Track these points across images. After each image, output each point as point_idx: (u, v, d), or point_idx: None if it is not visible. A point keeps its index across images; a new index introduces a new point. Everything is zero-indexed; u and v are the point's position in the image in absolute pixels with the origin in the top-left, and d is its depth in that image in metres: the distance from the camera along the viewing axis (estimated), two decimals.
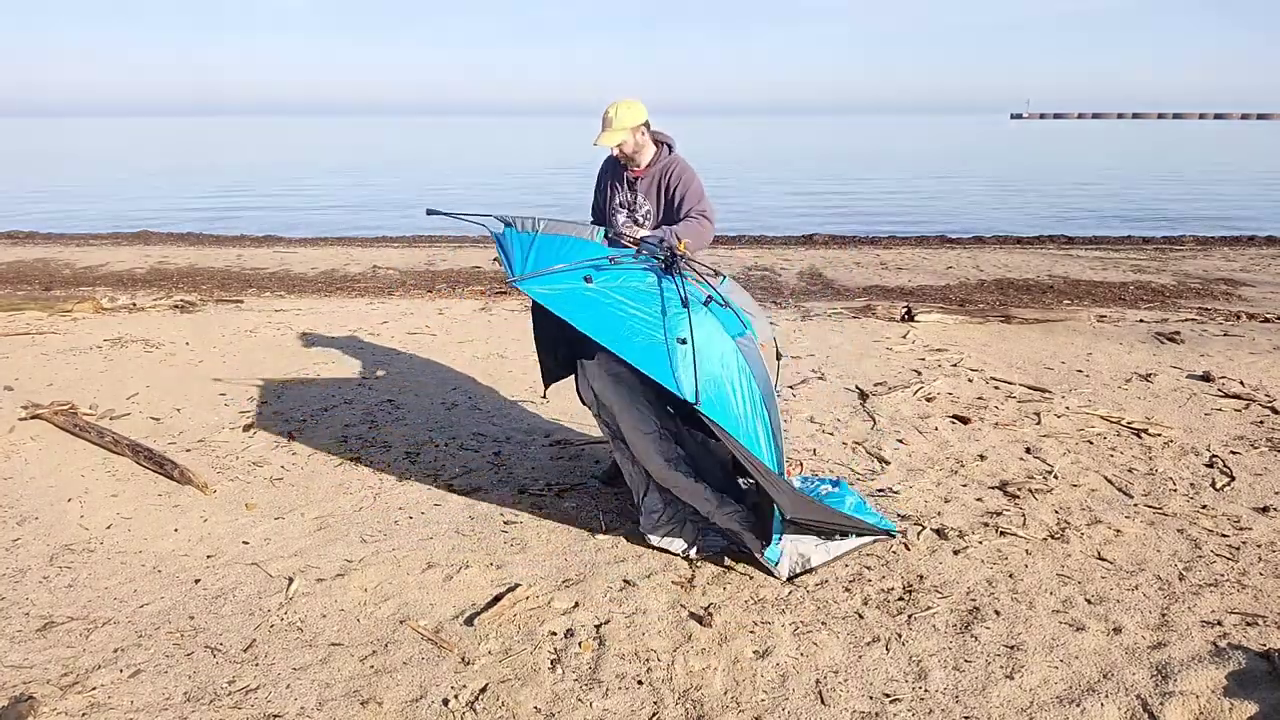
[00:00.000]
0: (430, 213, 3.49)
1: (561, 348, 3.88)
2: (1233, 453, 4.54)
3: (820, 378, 5.92)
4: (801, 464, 4.44)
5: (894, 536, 3.59)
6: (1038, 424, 4.98)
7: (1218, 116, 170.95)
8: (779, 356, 3.50)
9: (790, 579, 3.28)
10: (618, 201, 3.97)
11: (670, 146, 3.92)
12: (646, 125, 3.82)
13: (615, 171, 3.97)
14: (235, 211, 19.87)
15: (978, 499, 4.04)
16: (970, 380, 5.82)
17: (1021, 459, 4.49)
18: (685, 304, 2.96)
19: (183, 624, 3.08)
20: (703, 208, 3.82)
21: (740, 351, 3.07)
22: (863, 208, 20.58)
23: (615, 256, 3.09)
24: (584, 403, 3.58)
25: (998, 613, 3.10)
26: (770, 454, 3.06)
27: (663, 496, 3.48)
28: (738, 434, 2.97)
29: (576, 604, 3.18)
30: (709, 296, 3.11)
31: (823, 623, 3.05)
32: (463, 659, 2.87)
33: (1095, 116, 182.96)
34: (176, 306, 8.35)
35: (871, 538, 3.52)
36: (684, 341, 2.89)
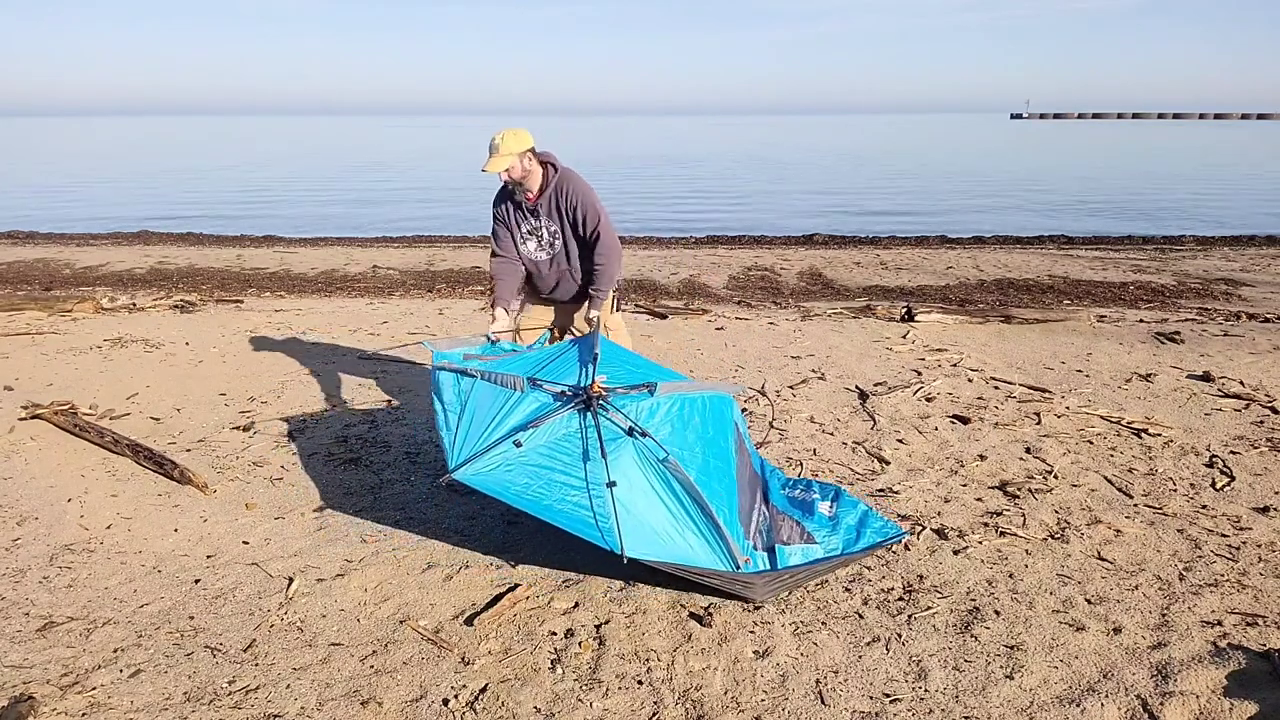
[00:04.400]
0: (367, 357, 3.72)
1: None
2: (1233, 453, 4.55)
3: (820, 378, 5.93)
4: (802, 464, 4.44)
5: (903, 539, 3.54)
6: (1038, 424, 4.98)
7: (1218, 116, 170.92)
8: (763, 394, 3.57)
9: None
10: (525, 230, 4.15)
11: (555, 166, 4.05)
12: (532, 152, 3.97)
13: (512, 202, 4.14)
14: (236, 211, 19.89)
15: (978, 499, 4.04)
16: (970, 380, 5.82)
17: (1021, 459, 4.49)
18: (603, 453, 3.04)
19: (183, 624, 3.08)
20: (600, 229, 4.07)
21: (670, 471, 3.12)
22: (862, 207, 20.60)
23: (538, 420, 3.17)
24: None
25: (998, 613, 3.11)
26: (721, 552, 3.06)
27: None
28: (682, 560, 3.01)
29: (576, 604, 3.18)
30: (631, 428, 3.17)
31: (823, 623, 3.06)
32: (463, 659, 2.87)
33: (1095, 116, 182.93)
34: (176, 306, 8.35)
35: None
36: (613, 484, 2.99)
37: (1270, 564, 3.43)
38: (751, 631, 3.00)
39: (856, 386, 5.70)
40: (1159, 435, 4.78)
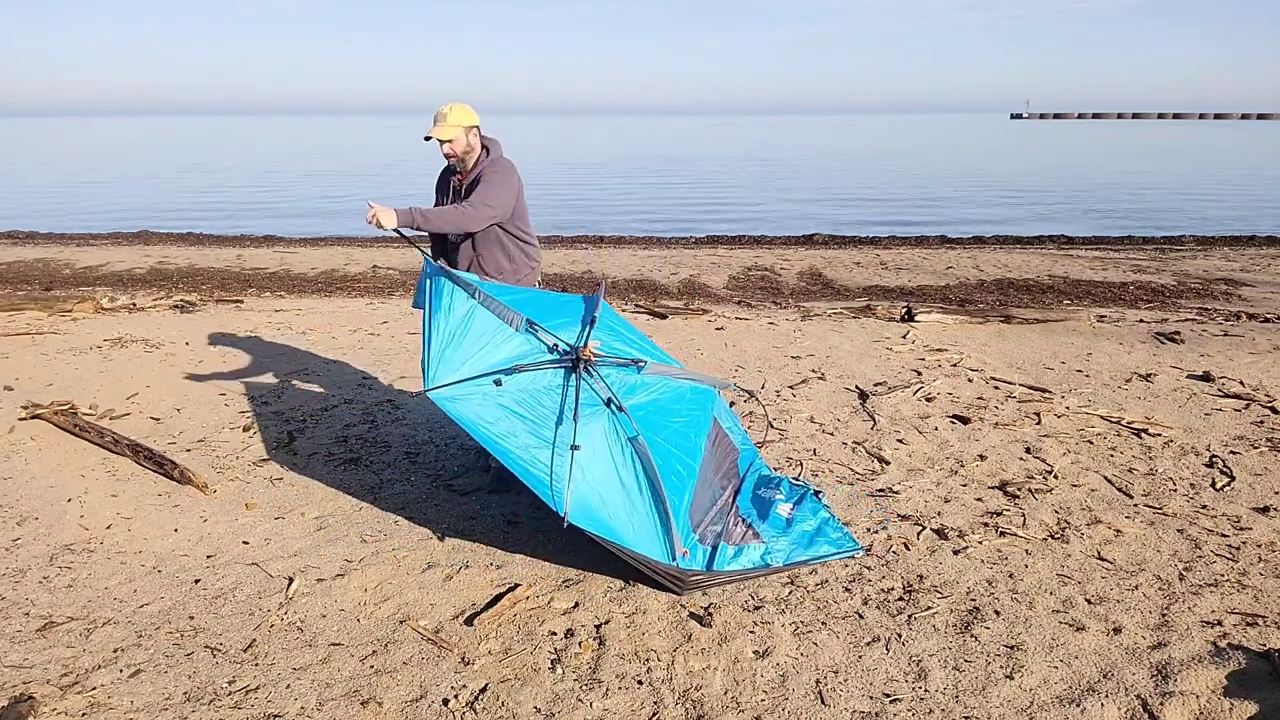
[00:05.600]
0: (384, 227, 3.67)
1: None
2: (1233, 453, 4.55)
3: (820, 378, 5.92)
4: (802, 464, 4.44)
5: (856, 554, 3.47)
6: (1038, 424, 4.98)
7: (1218, 116, 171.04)
8: (753, 397, 3.81)
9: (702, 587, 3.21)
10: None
11: (489, 150, 3.96)
12: (477, 130, 3.88)
13: (447, 180, 4.05)
14: (236, 211, 19.88)
15: (978, 499, 4.04)
16: (970, 380, 5.82)
17: (1021, 459, 4.49)
18: (575, 415, 3.09)
19: (183, 624, 3.08)
20: (473, 199, 3.82)
21: (635, 450, 3.16)
22: (863, 207, 20.60)
23: (524, 364, 3.22)
24: None
25: (998, 613, 3.11)
26: (661, 541, 3.08)
27: None
28: (620, 539, 3.02)
29: (576, 604, 3.18)
30: (610, 399, 3.22)
31: (823, 623, 3.06)
32: (463, 659, 2.87)
33: (1095, 116, 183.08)
34: (176, 306, 8.35)
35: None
36: (577, 448, 3.04)
37: (1270, 564, 3.43)
38: (751, 631, 3.00)
39: (856, 386, 5.70)
40: (1159, 435, 4.78)
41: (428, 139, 3.82)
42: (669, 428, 3.33)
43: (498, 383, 3.15)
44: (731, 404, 5.17)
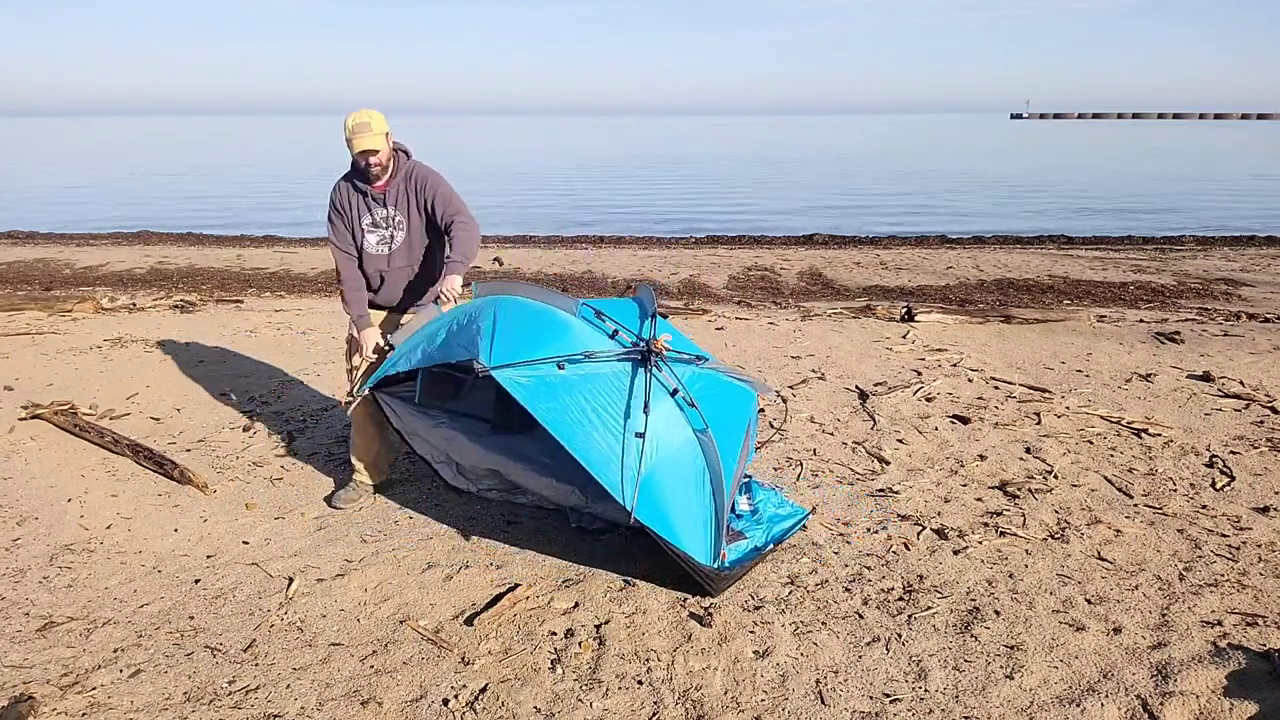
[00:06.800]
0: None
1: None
2: (1233, 453, 4.54)
3: (820, 378, 5.92)
4: (802, 464, 4.44)
5: (806, 519, 3.66)
6: (1038, 424, 4.98)
7: (1218, 116, 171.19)
8: (784, 401, 4.22)
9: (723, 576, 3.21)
10: (367, 222, 3.83)
11: (408, 153, 3.84)
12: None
13: (356, 192, 3.82)
14: (236, 211, 19.88)
15: (978, 499, 4.04)
16: (970, 380, 5.82)
17: (1021, 459, 4.49)
18: (646, 408, 3.03)
19: (183, 624, 3.08)
20: (456, 209, 3.77)
21: (700, 445, 3.14)
22: (863, 207, 20.60)
23: (593, 352, 3.17)
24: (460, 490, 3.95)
25: (998, 613, 3.11)
26: (708, 542, 3.08)
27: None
28: (675, 539, 3.00)
29: (576, 604, 3.18)
30: (675, 389, 3.19)
31: (823, 623, 3.06)
32: (463, 659, 2.87)
33: (1095, 116, 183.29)
34: (176, 306, 8.35)
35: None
36: (641, 435, 2.99)
37: (1270, 564, 3.43)
38: (751, 631, 3.00)
39: (856, 386, 5.70)
40: (1159, 435, 4.78)
41: (363, 152, 3.63)
42: (722, 425, 3.31)
43: (560, 366, 3.10)
44: (762, 410, 5.17)
